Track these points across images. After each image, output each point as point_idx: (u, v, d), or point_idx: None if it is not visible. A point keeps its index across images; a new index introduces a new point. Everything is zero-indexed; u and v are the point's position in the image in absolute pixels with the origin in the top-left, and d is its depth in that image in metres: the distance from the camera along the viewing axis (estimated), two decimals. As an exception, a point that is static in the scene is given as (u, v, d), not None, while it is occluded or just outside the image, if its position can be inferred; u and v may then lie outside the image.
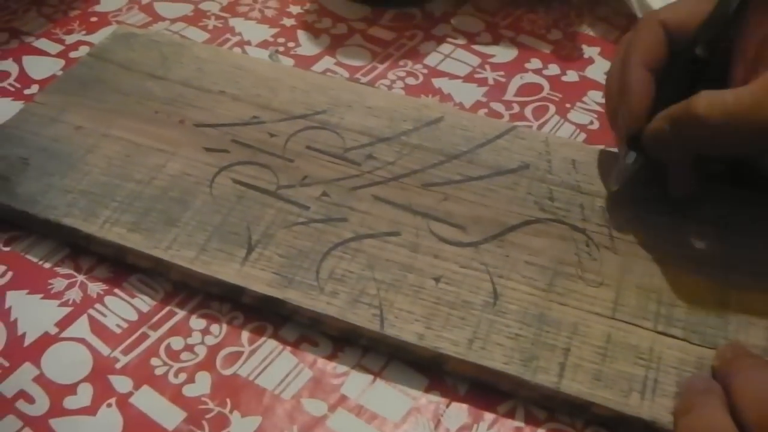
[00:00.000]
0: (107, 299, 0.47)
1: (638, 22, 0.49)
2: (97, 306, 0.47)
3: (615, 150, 0.52)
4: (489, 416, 0.42)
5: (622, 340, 0.43)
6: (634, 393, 0.41)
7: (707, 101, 0.42)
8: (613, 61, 0.51)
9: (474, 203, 0.49)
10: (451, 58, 0.63)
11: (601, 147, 0.54)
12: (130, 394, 0.43)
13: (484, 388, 0.43)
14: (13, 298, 0.47)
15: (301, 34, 0.65)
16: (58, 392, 0.43)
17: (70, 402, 0.43)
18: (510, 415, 0.42)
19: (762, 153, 0.45)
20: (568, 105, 0.59)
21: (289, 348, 0.45)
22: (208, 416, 0.42)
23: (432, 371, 0.44)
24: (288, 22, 0.66)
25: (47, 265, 0.49)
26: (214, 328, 0.46)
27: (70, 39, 0.64)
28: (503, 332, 0.43)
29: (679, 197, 0.48)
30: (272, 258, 0.46)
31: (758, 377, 0.39)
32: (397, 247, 0.47)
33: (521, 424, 0.42)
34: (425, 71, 0.62)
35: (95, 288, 0.48)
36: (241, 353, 0.45)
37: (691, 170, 0.47)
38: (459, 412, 0.42)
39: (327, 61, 0.63)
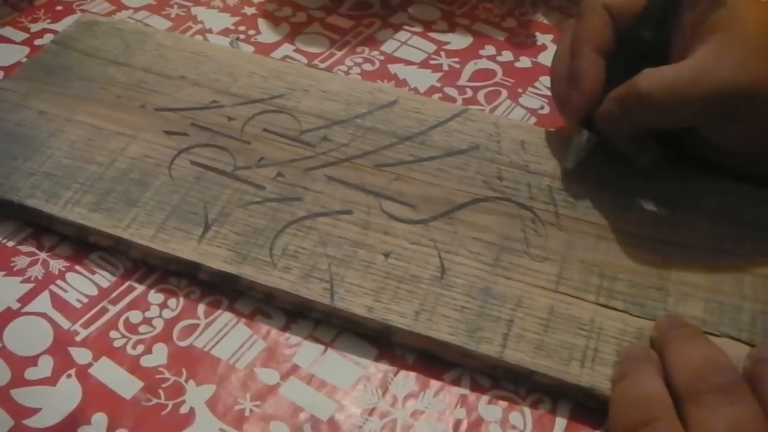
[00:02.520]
0: (68, 275, 0.48)
1: (581, 8, 0.50)
2: (59, 282, 0.48)
3: (563, 132, 0.54)
4: (435, 384, 0.44)
5: (565, 312, 0.45)
6: (574, 362, 0.43)
7: (648, 78, 0.45)
8: (558, 45, 0.53)
9: (425, 183, 0.51)
10: (408, 45, 0.65)
11: (551, 129, 0.56)
12: (89, 365, 0.44)
13: (431, 358, 0.45)
14: (-25, 275, 0.49)
15: (262, 23, 0.67)
16: (19, 364, 0.44)
17: (30, 373, 0.44)
18: (456, 383, 0.44)
19: (703, 124, 0.47)
20: (519, 90, 0.60)
21: (243, 320, 0.46)
22: (164, 385, 0.43)
23: (381, 342, 0.45)
24: (249, 11, 0.68)
25: (10, 244, 0.50)
26: (172, 302, 0.47)
27: (35, 27, 0.66)
28: (449, 305, 0.45)
29: (644, 168, 0.51)
30: (228, 236, 0.48)
31: (690, 345, 0.41)
32: (348, 224, 0.49)
33: (466, 392, 0.44)
34: (381, 57, 0.63)
35: (57, 265, 0.49)
36: (197, 326, 0.46)
37: (645, 145, 0.50)
38: (407, 380, 0.44)
39: (286, 48, 0.64)
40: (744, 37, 0.44)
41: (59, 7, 0.68)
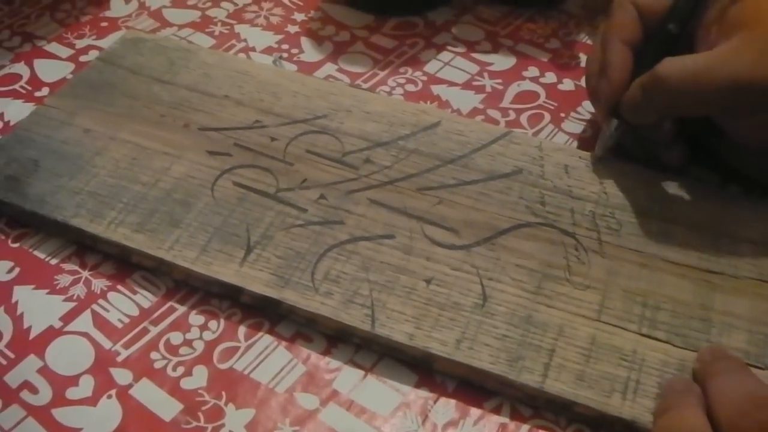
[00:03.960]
0: (110, 295, 0.49)
1: (612, 5, 0.53)
2: (101, 301, 0.48)
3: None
4: (476, 412, 0.44)
5: (607, 342, 0.44)
6: (615, 393, 0.42)
7: (669, 65, 0.47)
8: (593, 45, 0.55)
9: (467, 207, 0.51)
10: (451, 66, 0.64)
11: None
12: (130, 386, 0.45)
13: (471, 386, 0.44)
14: (20, 293, 0.49)
15: (305, 41, 0.67)
16: (60, 383, 0.45)
17: (72, 393, 0.44)
18: (496, 411, 0.44)
19: (720, 114, 0.49)
20: (562, 114, 0.60)
21: (284, 344, 0.46)
22: (204, 408, 0.44)
23: (422, 369, 0.45)
24: (292, 29, 0.68)
25: (54, 262, 0.50)
26: (213, 324, 0.47)
27: (80, 43, 0.66)
28: (491, 333, 0.45)
29: (672, 166, 0.52)
30: (270, 259, 0.48)
31: (734, 380, 0.40)
32: (391, 249, 0.48)
33: (506, 420, 0.43)
34: (424, 78, 0.63)
35: (99, 284, 0.49)
36: (237, 348, 0.46)
37: (672, 142, 0.53)
38: (446, 407, 0.44)
39: (329, 68, 0.64)
40: (766, 34, 0.45)
41: (104, 24, 0.68)
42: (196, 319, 0.48)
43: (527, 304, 0.46)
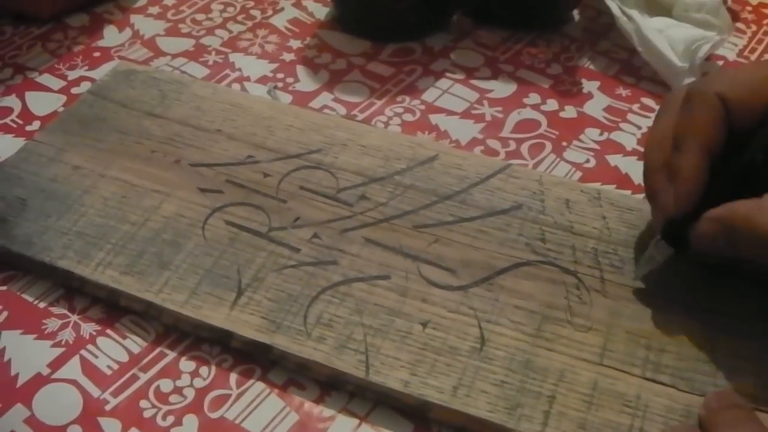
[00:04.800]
0: (99, 340, 0.47)
1: (691, 93, 0.44)
2: (89, 347, 0.47)
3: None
4: (473, 463, 0.42)
5: (609, 387, 0.43)
6: (619, 442, 0.41)
7: None
8: (655, 127, 0.47)
9: (465, 245, 0.49)
10: (449, 94, 0.63)
11: (597, 185, 0.54)
12: (119, 437, 0.43)
13: (469, 435, 0.43)
14: (6, 338, 0.48)
15: (300, 70, 0.66)
16: (48, 434, 0.43)
17: (59, 445, 0.43)
18: (494, 462, 0.42)
19: None
20: (564, 143, 0.59)
21: (276, 391, 0.45)
22: (194, 461, 0.42)
23: (418, 417, 0.44)
24: (288, 56, 0.67)
25: (42, 305, 0.49)
26: (203, 370, 0.46)
27: (72, 74, 0.65)
28: (489, 379, 0.43)
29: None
30: (261, 302, 0.47)
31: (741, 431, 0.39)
32: (386, 291, 0.47)
33: (505, 472, 0.42)
34: (422, 107, 0.62)
35: (88, 328, 0.48)
36: (228, 396, 0.45)
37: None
38: (443, 459, 0.43)
39: (325, 97, 0.63)
40: None
41: (97, 54, 0.67)
42: (186, 365, 0.46)
43: (526, 348, 0.45)
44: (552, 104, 0.62)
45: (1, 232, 0.50)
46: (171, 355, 0.47)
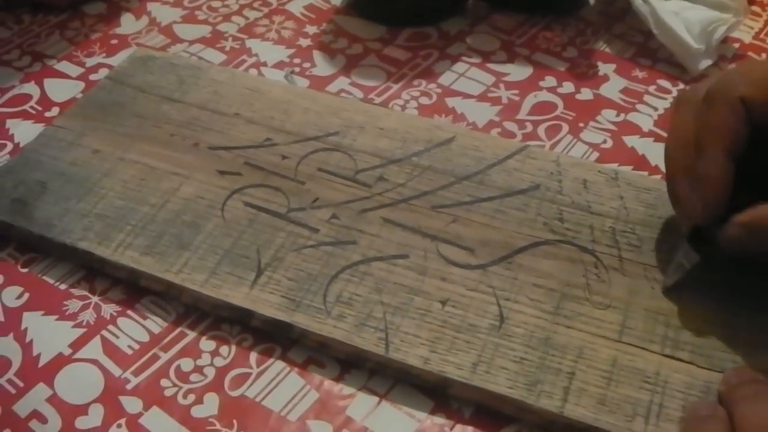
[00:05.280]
0: (120, 321, 0.48)
1: (713, 93, 0.43)
2: (110, 327, 0.48)
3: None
4: (493, 439, 0.43)
5: (628, 364, 0.43)
6: (638, 418, 0.41)
7: None
8: (675, 128, 0.46)
9: (483, 225, 0.49)
10: (466, 77, 0.63)
11: (614, 165, 0.54)
12: (140, 414, 0.44)
13: (489, 412, 0.43)
14: (29, 319, 0.48)
15: (317, 55, 0.66)
16: (70, 412, 0.44)
17: (81, 422, 0.43)
18: (514, 438, 0.43)
19: None
20: (581, 124, 0.59)
21: (296, 369, 0.45)
22: (214, 438, 0.43)
23: (437, 394, 0.44)
24: (304, 42, 0.67)
25: (63, 287, 0.50)
26: (224, 349, 0.46)
27: (90, 61, 0.66)
28: (508, 356, 0.43)
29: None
30: (281, 281, 0.47)
31: (761, 407, 0.39)
32: (405, 270, 0.47)
33: (525, 448, 0.42)
34: (439, 90, 0.62)
35: (109, 309, 0.48)
36: (249, 375, 0.45)
37: None
38: (463, 435, 0.43)
39: (342, 82, 0.63)
40: None
41: (114, 41, 0.68)
42: (207, 344, 0.47)
43: (546, 325, 0.45)
44: (568, 87, 0.62)
45: (22, 214, 0.51)
46: (191, 334, 0.47)
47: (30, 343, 0.47)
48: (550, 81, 0.63)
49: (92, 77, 0.64)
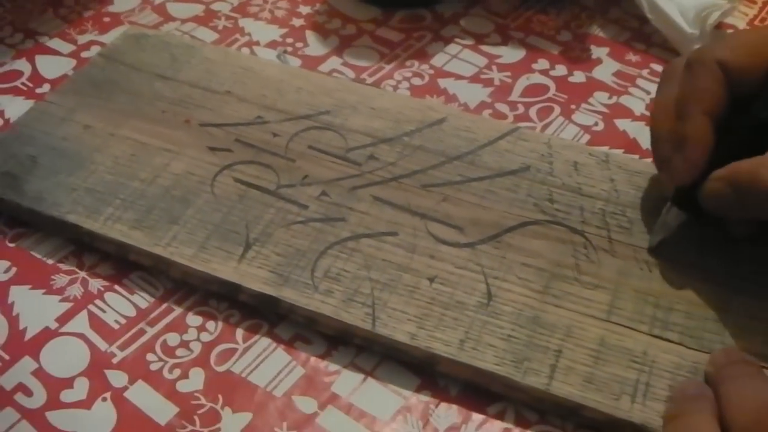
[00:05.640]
0: (107, 295, 0.48)
1: (693, 59, 0.44)
2: (97, 302, 0.47)
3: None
4: (478, 417, 0.42)
5: (616, 343, 0.43)
6: (625, 396, 0.41)
7: None
8: (659, 98, 0.47)
9: (473, 204, 0.49)
10: (458, 59, 0.63)
11: (605, 148, 0.54)
12: (125, 388, 0.44)
13: (475, 389, 0.43)
14: (16, 293, 0.48)
15: (310, 35, 0.65)
16: (55, 386, 0.44)
17: (66, 395, 0.43)
18: (500, 416, 0.42)
19: None
20: (573, 106, 0.58)
21: (282, 346, 0.45)
22: (200, 412, 0.43)
23: (424, 371, 0.44)
24: (297, 22, 0.67)
25: (51, 262, 0.49)
26: (210, 325, 0.46)
27: (82, 39, 0.65)
28: (496, 333, 0.43)
29: (739, 240, 0.47)
30: (269, 256, 0.47)
31: (749, 386, 0.39)
32: (393, 247, 0.47)
33: (511, 426, 0.42)
34: (431, 72, 0.62)
35: (96, 284, 0.48)
36: (235, 350, 0.45)
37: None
38: (448, 412, 0.43)
39: (334, 62, 0.63)
40: None
41: (107, 19, 0.67)
42: (193, 320, 0.46)
43: (534, 303, 0.45)
44: (561, 69, 0.62)
45: (12, 188, 0.51)
46: (178, 310, 0.47)
47: (17, 317, 0.47)
48: (543, 64, 0.62)
49: (84, 54, 0.63)
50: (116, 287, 0.48)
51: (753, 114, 0.43)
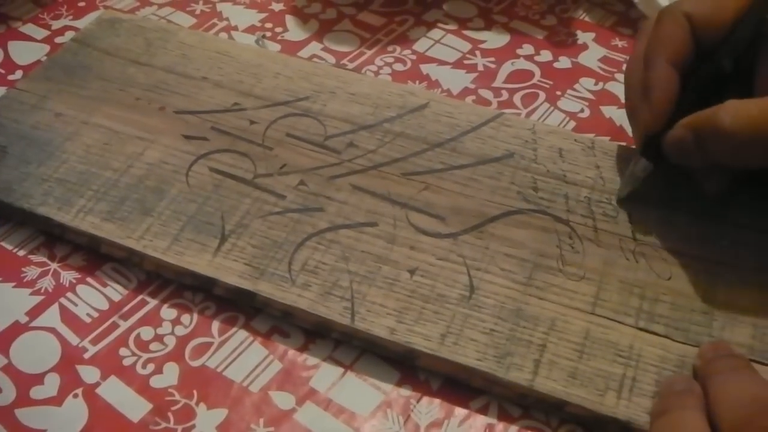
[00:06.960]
0: (79, 288, 0.46)
1: (660, 14, 0.46)
2: (69, 295, 0.46)
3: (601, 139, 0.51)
4: (461, 412, 0.41)
5: (601, 337, 0.42)
6: (610, 392, 0.40)
7: (733, 113, 0.40)
8: (633, 53, 0.49)
9: (455, 193, 0.48)
10: (441, 44, 0.62)
11: (591, 135, 0.53)
12: (97, 384, 0.42)
13: (457, 384, 0.42)
14: (-15, 286, 0.47)
15: (290, 19, 0.64)
16: (25, 382, 0.42)
17: (36, 392, 0.42)
18: (483, 411, 0.41)
19: None
20: (558, 92, 0.57)
21: (259, 339, 0.44)
22: (174, 408, 0.41)
23: (404, 365, 0.43)
24: (277, 6, 0.65)
25: (21, 253, 0.48)
26: (185, 318, 0.45)
27: (56, 24, 0.64)
28: (478, 327, 0.42)
29: (712, 197, 0.46)
30: (245, 249, 0.45)
31: (737, 380, 0.38)
32: (373, 237, 0.46)
33: (494, 421, 0.41)
34: (413, 57, 0.60)
35: (68, 276, 0.47)
36: (210, 344, 0.44)
37: (719, 173, 0.45)
38: (430, 407, 0.42)
39: (314, 47, 0.62)
40: None
41: (82, 3, 0.66)
42: (168, 312, 0.45)
43: (517, 296, 0.44)
44: (546, 55, 0.61)
45: (-19, 179, 0.49)
46: (152, 302, 0.46)
47: (-14, 310, 0.46)
48: (527, 49, 0.61)
49: (58, 40, 0.62)
50: (89, 279, 0.47)
51: (716, 63, 0.44)
